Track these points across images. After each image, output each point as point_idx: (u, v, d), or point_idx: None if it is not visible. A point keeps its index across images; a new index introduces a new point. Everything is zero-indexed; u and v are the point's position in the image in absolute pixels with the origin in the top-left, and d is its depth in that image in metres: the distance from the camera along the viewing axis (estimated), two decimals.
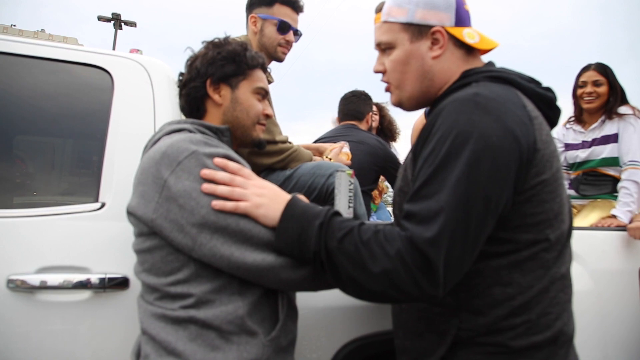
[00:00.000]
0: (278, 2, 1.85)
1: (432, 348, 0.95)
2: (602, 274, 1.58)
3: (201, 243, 0.92)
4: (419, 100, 1.06)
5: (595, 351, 1.52)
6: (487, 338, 0.90)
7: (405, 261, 0.80)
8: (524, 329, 0.90)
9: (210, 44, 1.19)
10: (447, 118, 0.87)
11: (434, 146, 0.86)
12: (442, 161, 0.84)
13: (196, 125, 1.10)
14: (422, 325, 0.98)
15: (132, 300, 1.14)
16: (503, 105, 0.88)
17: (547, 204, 0.91)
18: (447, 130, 0.86)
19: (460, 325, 0.92)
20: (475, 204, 0.82)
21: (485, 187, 0.83)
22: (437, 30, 1.00)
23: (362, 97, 2.67)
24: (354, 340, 1.32)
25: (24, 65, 1.38)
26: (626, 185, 2.18)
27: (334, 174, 1.63)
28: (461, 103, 0.88)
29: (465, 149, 0.82)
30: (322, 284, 0.99)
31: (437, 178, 0.83)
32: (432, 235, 0.79)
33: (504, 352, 0.90)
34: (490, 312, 0.90)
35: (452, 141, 0.84)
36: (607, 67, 2.41)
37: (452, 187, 0.81)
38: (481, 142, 0.83)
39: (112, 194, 1.28)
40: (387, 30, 1.04)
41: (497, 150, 0.83)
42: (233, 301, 0.95)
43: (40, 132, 1.49)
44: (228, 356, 0.92)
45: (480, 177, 0.82)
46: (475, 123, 0.84)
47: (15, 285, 1.14)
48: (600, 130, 2.37)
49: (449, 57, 1.02)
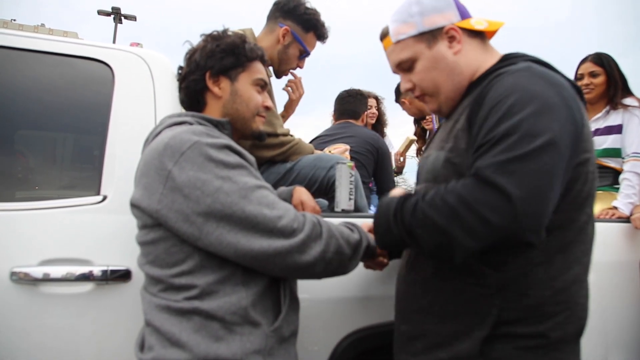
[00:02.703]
0: (314, 32, 1.86)
1: (467, 330, 0.93)
2: (603, 265, 1.58)
3: (207, 232, 0.93)
4: (455, 99, 1.08)
5: (596, 343, 1.53)
6: (528, 328, 0.91)
7: (469, 204, 0.80)
8: (563, 317, 0.92)
9: (208, 37, 1.18)
10: (505, 83, 0.91)
11: (494, 105, 0.88)
12: (506, 112, 0.85)
13: (197, 118, 1.10)
14: (456, 306, 0.97)
15: (134, 292, 1.15)
16: (555, 78, 0.93)
17: (589, 183, 0.94)
18: (508, 91, 0.88)
19: (502, 306, 0.91)
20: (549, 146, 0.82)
21: (557, 131, 0.84)
22: (450, 28, 1.04)
23: (358, 97, 2.70)
24: (355, 331, 1.33)
25: (25, 60, 1.38)
26: (628, 177, 2.18)
27: (334, 167, 1.63)
28: (518, 71, 0.92)
29: (529, 103, 0.85)
30: (327, 271, 1.00)
31: (500, 128, 0.84)
32: (501, 164, 0.80)
33: (542, 345, 0.90)
34: (534, 293, 0.91)
35: (515, 98, 0.86)
36: (604, 57, 2.38)
37: (524, 130, 0.82)
38: (544, 100, 0.86)
39: (113, 187, 1.29)
40: (403, 48, 1.07)
41: (559, 109, 0.86)
42: (237, 292, 0.96)
43: (42, 126, 1.49)
44: (231, 347, 0.93)
45: (549, 124, 0.83)
46: (536, 86, 0.88)
47: (18, 277, 1.15)
48: (605, 120, 2.36)
49: (469, 49, 1.06)
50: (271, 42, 1.83)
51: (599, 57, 2.39)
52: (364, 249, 1.07)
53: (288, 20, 1.82)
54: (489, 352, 0.92)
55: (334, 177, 1.62)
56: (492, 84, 0.93)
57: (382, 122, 3.29)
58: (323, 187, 1.72)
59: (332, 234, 0.99)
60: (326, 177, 1.71)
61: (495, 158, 0.82)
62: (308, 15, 1.82)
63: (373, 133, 2.64)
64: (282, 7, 1.84)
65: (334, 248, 0.98)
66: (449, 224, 0.82)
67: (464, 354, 0.93)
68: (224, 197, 0.92)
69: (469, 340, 0.93)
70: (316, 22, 1.85)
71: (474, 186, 0.81)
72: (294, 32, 1.81)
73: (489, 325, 0.91)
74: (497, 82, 0.93)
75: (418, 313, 1.04)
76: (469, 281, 0.95)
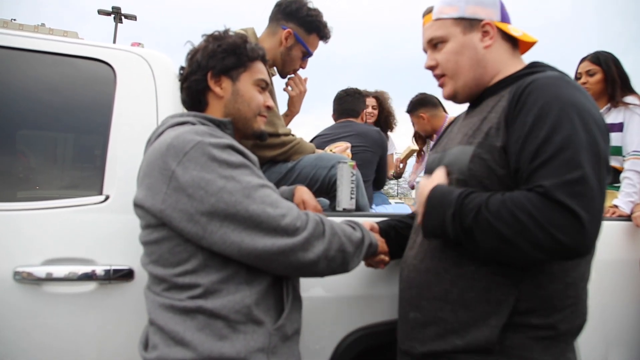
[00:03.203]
0: (316, 33, 1.85)
1: (483, 318, 0.97)
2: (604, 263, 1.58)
3: (211, 231, 0.93)
4: (472, 89, 1.13)
5: (597, 341, 1.53)
6: (540, 319, 0.96)
7: (540, 222, 0.83)
8: (570, 311, 0.98)
9: (210, 37, 1.19)
10: (545, 90, 0.96)
11: (539, 113, 0.93)
12: (555, 125, 0.90)
13: (199, 118, 1.10)
14: (474, 294, 1.00)
15: (137, 292, 1.16)
16: (584, 89, 1.00)
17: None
18: (549, 99, 0.93)
19: (518, 296, 0.96)
20: (600, 161, 0.89)
21: (603, 149, 0.91)
22: (487, 22, 1.10)
23: (356, 96, 2.71)
24: (357, 330, 1.33)
25: (26, 60, 1.38)
26: (629, 175, 2.18)
27: (336, 166, 1.64)
28: (555, 79, 0.98)
29: (574, 116, 0.90)
30: (329, 269, 1.00)
31: (556, 139, 0.89)
32: (573, 187, 0.84)
33: (552, 336, 0.96)
34: (548, 286, 0.96)
35: (559, 109, 0.91)
36: (602, 56, 2.39)
37: (578, 145, 0.87)
38: (585, 113, 0.92)
39: (115, 187, 1.29)
40: (439, 26, 1.12)
41: (599, 121, 0.93)
42: (240, 290, 0.97)
43: (45, 126, 1.50)
44: (235, 345, 0.94)
45: (596, 139, 0.90)
46: (574, 96, 0.94)
47: (21, 277, 1.15)
48: (606, 118, 2.36)
49: (498, 48, 1.11)
50: (273, 44, 1.82)
51: (597, 56, 2.40)
52: (366, 247, 1.08)
53: (290, 23, 1.81)
54: (502, 340, 0.96)
55: (335, 176, 1.63)
56: (529, 89, 0.97)
57: (389, 122, 3.23)
58: (324, 186, 1.72)
59: (334, 232, 0.99)
60: (327, 177, 1.71)
61: (560, 178, 0.85)
62: (311, 17, 1.82)
63: (375, 129, 2.63)
64: (284, 9, 1.82)
65: (337, 246, 0.98)
66: (516, 237, 0.86)
67: (481, 341, 0.97)
68: (228, 197, 0.93)
69: (485, 328, 0.97)
70: (319, 24, 1.84)
71: (546, 206, 0.84)
72: (297, 34, 1.80)
73: (506, 314, 0.96)
74: (535, 88, 0.96)
75: (432, 300, 1.05)
76: (489, 270, 0.98)
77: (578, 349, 1.42)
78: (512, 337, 0.96)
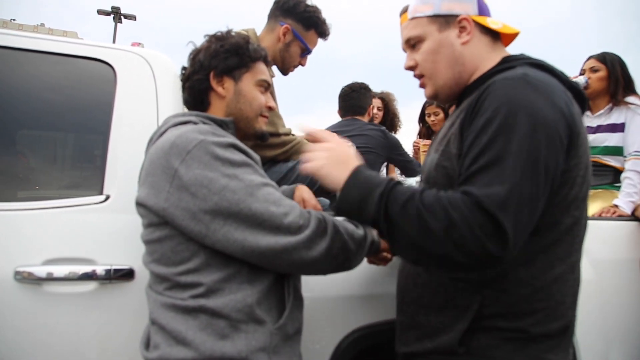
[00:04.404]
0: (314, 30, 1.85)
1: (451, 323, 0.97)
2: (603, 263, 1.59)
3: (214, 229, 0.93)
4: (453, 88, 1.09)
5: (597, 341, 1.54)
6: (508, 323, 0.94)
7: (471, 225, 0.81)
8: (543, 315, 0.94)
9: (212, 37, 1.19)
10: (499, 93, 0.91)
11: (488, 118, 0.89)
12: (498, 131, 0.87)
13: (201, 117, 1.11)
14: (441, 300, 1.00)
15: (137, 291, 1.16)
16: (550, 87, 0.93)
17: (577, 187, 0.95)
18: (500, 103, 0.90)
19: (482, 301, 0.95)
20: (538, 170, 0.85)
21: (544, 156, 0.86)
22: (463, 18, 1.06)
23: (362, 91, 2.64)
24: (357, 329, 1.34)
25: (26, 60, 1.38)
26: (630, 175, 2.18)
27: None
28: (512, 80, 0.93)
29: (521, 121, 0.86)
30: (332, 267, 1.01)
31: (495, 146, 0.86)
32: (502, 199, 0.82)
33: (521, 338, 0.94)
34: (513, 291, 0.94)
35: (507, 113, 0.88)
36: (608, 56, 2.40)
37: (515, 154, 0.85)
38: (535, 117, 0.87)
39: (116, 187, 1.29)
40: (415, 25, 1.09)
41: (549, 125, 0.88)
42: (242, 290, 0.97)
43: (44, 126, 1.50)
44: (237, 344, 0.93)
45: (539, 147, 0.86)
46: (528, 99, 0.89)
47: (22, 277, 1.15)
48: (607, 117, 2.37)
49: (477, 43, 1.07)
50: (272, 40, 1.83)
51: (603, 55, 2.42)
52: (368, 245, 1.08)
53: (288, 19, 1.82)
54: (469, 341, 0.96)
55: None
56: (486, 92, 0.94)
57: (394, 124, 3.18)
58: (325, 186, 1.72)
59: (337, 229, 0.99)
60: None
61: (489, 188, 0.83)
62: (308, 13, 1.82)
63: (380, 130, 2.58)
64: (282, 5, 1.84)
65: (340, 244, 0.98)
66: (443, 233, 0.83)
67: (445, 344, 0.97)
68: (231, 195, 0.93)
69: (451, 332, 0.97)
70: (317, 20, 1.85)
71: (477, 212, 0.82)
72: (295, 30, 1.81)
73: (469, 319, 0.95)
74: (493, 88, 0.93)
75: (410, 305, 1.08)
76: (452, 277, 0.99)
77: (578, 347, 1.42)
78: (479, 338, 0.95)
